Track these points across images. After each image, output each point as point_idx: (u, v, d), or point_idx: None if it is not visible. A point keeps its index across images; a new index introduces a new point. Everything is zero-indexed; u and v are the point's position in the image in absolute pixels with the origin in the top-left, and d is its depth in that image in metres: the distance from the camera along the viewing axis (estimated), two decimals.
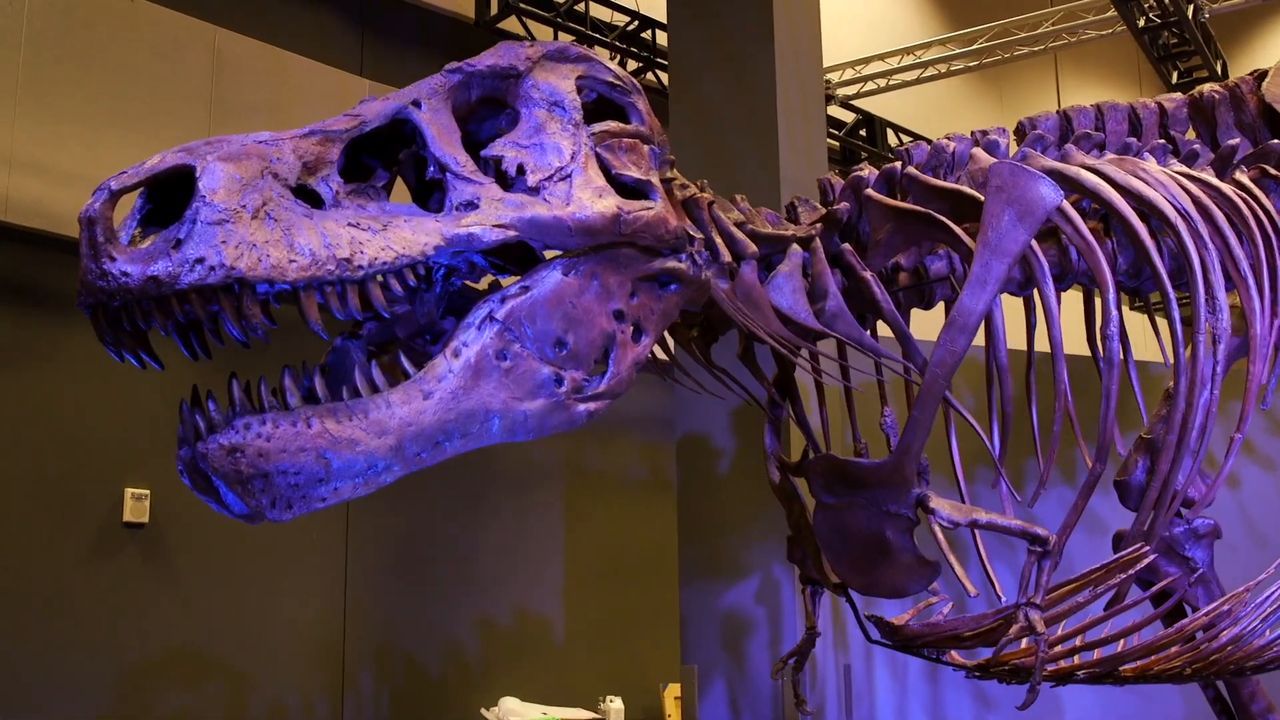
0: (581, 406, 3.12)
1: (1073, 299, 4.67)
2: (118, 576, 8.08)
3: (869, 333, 4.13)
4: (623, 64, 12.15)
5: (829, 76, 13.74)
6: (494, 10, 11.42)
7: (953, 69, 14.19)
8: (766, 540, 6.12)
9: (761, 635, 6.25)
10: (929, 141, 4.46)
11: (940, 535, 4.04)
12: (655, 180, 3.30)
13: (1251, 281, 4.20)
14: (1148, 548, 3.96)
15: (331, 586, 8.55)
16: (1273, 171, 4.65)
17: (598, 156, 3.21)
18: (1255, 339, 4.17)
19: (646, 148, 3.35)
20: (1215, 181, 4.42)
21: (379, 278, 2.79)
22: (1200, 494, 5.00)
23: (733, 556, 6.34)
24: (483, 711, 8.34)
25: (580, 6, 11.91)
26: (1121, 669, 4.20)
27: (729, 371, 4.30)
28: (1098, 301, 4.21)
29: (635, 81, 3.44)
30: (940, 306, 4.32)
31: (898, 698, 6.44)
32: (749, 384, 4.40)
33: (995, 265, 3.77)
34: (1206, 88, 4.88)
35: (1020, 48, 13.77)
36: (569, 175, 3.11)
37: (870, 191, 4.08)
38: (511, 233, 2.97)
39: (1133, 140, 4.52)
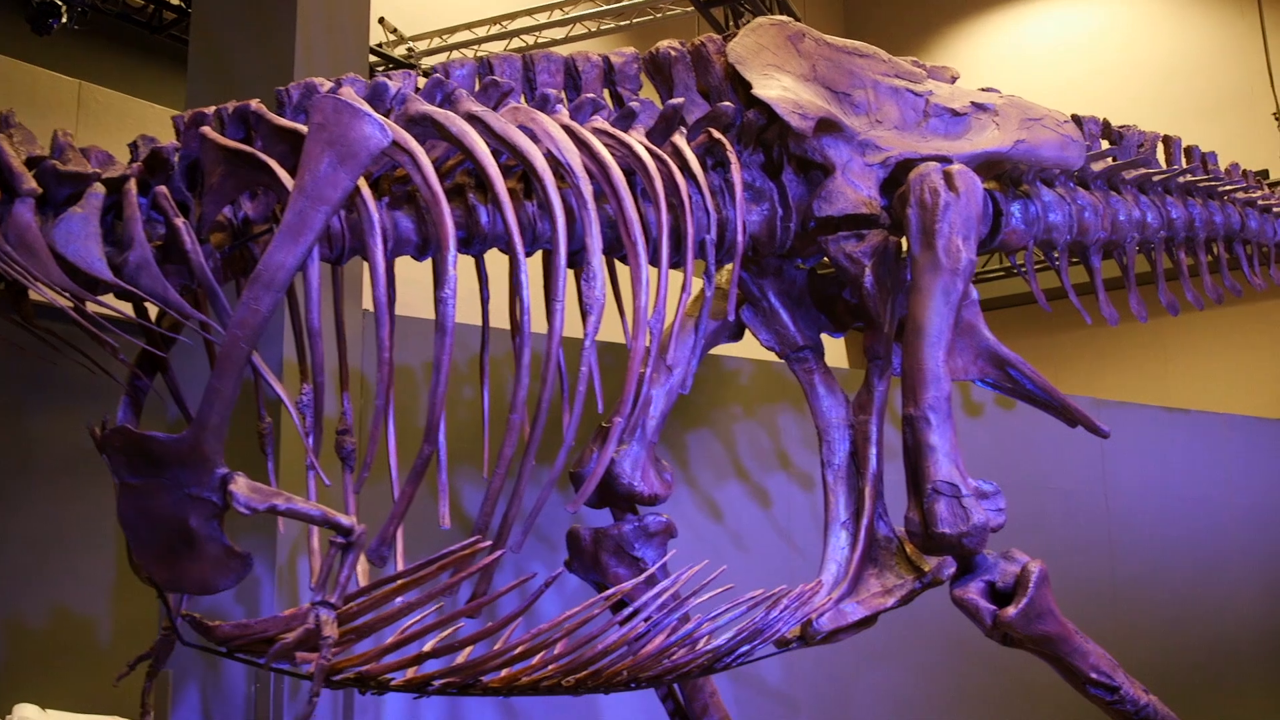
0: None
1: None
2: None
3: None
4: (158, 15, 11.32)
5: (414, 45, 13.21)
6: None
7: (540, 41, 13.71)
8: (252, 535, 5.52)
9: None
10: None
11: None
12: None
13: (641, 248, 3.79)
14: (487, 543, 3.50)
15: None
16: (716, 135, 4.29)
17: None
18: (638, 311, 3.77)
19: None
20: (631, 140, 4.03)
21: None
22: (652, 489, 4.62)
23: None
24: None
25: None
26: (486, 680, 3.74)
27: (61, 335, 3.74)
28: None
29: None
30: None
31: (408, 706, 5.93)
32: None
33: (312, 214, 3.30)
34: (664, 44, 4.50)
35: (607, 20, 13.47)
36: None
37: (205, 129, 3.55)
38: None
39: (552, 93, 4.08)
